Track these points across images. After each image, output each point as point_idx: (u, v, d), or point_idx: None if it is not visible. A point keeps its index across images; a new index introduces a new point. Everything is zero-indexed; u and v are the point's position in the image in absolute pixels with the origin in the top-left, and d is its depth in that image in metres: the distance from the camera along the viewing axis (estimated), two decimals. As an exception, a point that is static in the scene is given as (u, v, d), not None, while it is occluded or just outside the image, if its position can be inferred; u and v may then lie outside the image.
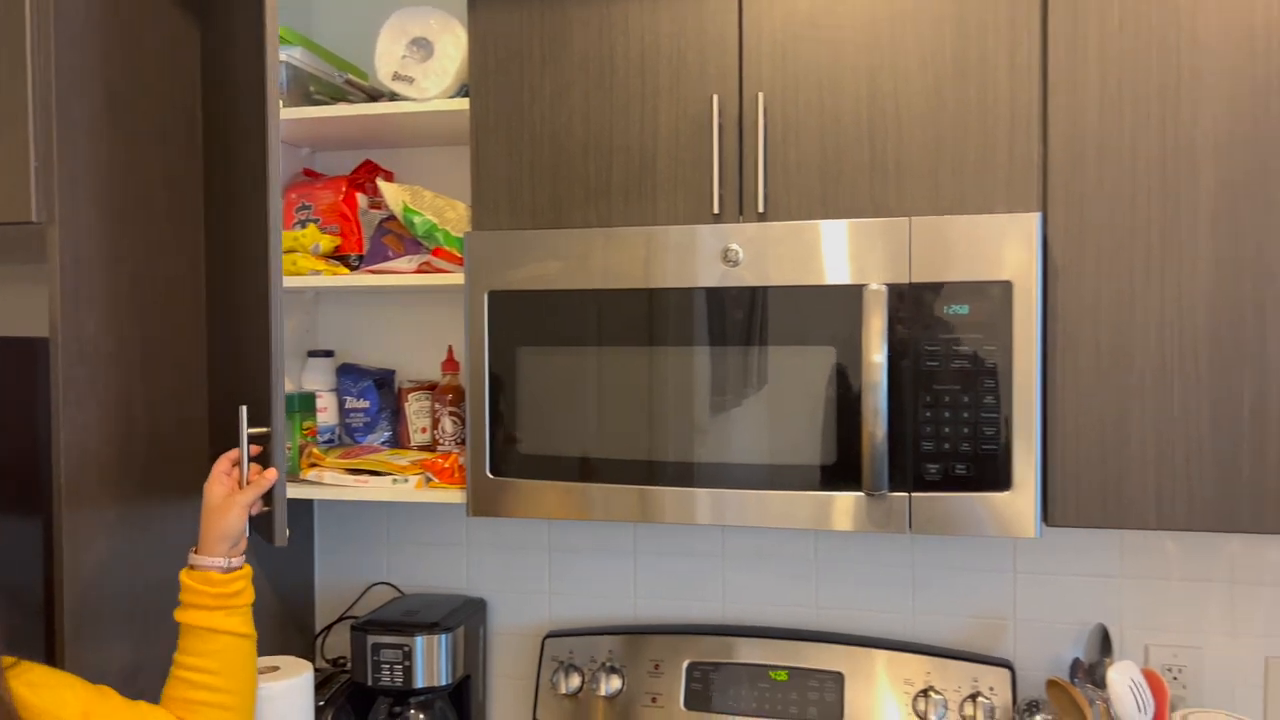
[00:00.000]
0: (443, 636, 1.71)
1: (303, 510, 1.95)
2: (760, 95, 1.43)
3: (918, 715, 1.62)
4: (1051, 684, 1.46)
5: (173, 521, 1.58)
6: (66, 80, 1.38)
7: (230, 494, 1.29)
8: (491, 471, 1.48)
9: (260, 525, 1.37)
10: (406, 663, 1.69)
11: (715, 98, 1.44)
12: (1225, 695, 1.62)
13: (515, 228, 1.51)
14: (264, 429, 1.33)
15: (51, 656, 1.41)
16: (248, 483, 1.30)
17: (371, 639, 1.70)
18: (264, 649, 1.83)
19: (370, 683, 1.70)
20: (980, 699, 1.60)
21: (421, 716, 1.74)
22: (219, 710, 1.25)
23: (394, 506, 1.95)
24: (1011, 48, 1.37)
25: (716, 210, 1.44)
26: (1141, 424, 1.34)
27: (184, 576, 1.27)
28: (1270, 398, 1.30)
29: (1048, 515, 1.38)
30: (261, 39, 1.32)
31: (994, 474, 1.31)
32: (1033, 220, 1.29)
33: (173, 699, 1.26)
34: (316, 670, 1.83)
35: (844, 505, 1.35)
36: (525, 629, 1.89)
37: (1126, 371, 1.34)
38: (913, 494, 1.34)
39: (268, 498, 1.33)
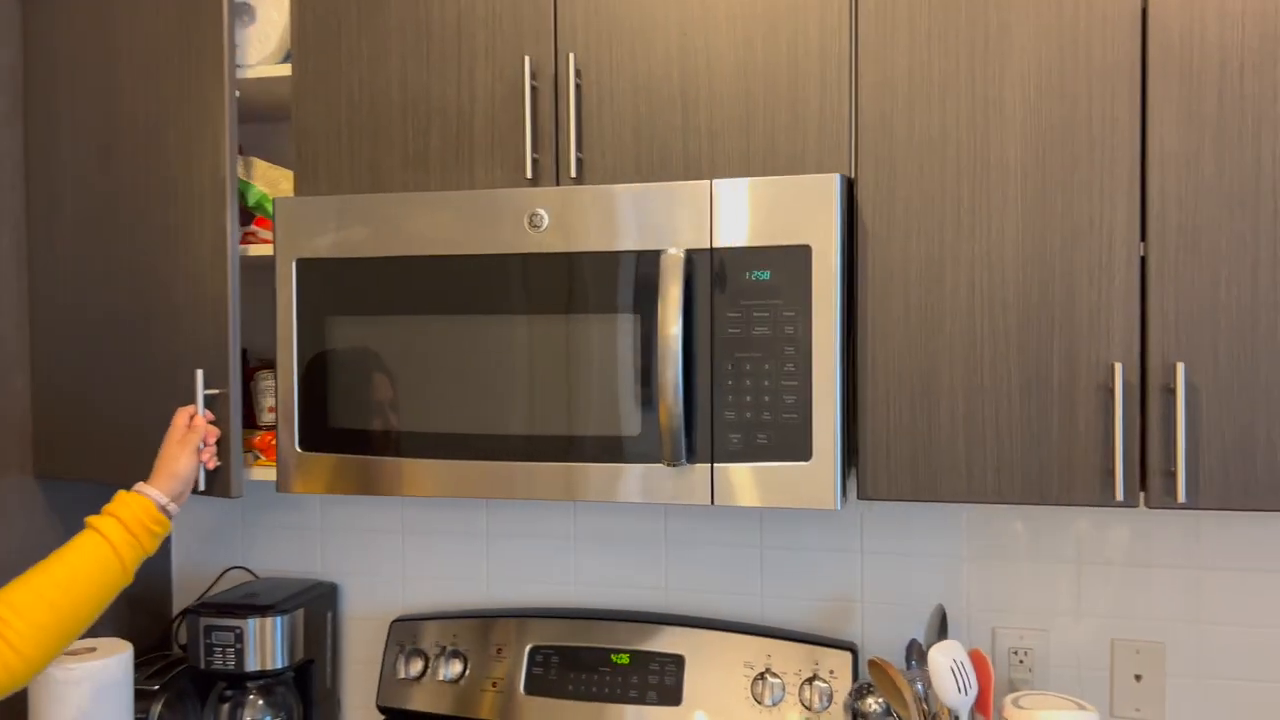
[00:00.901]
0: (278, 619, 1.67)
1: (158, 492, 1.91)
2: (571, 55, 1.39)
3: (755, 699, 1.58)
4: (872, 664, 1.41)
5: (3, 497, 1.54)
6: None
7: (183, 435, 1.39)
8: (300, 446, 1.43)
9: (215, 483, 1.45)
10: (239, 645, 1.65)
11: (527, 59, 1.40)
12: (1071, 678, 1.58)
13: (335, 193, 1.46)
14: (218, 390, 1.44)
15: None
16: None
17: (204, 621, 1.66)
18: (118, 635, 1.79)
19: (203, 666, 1.66)
20: (818, 682, 1.56)
21: (260, 701, 1.70)
22: (53, 616, 1.21)
23: (250, 488, 1.90)
24: (823, 5, 1.32)
25: (530, 175, 1.40)
26: (951, 392, 1.29)
27: (121, 493, 1.32)
28: (1079, 363, 1.25)
29: (861, 488, 1.33)
30: None
31: (794, 444, 1.26)
32: (831, 181, 1.25)
33: (12, 591, 1.21)
34: (164, 655, 1.79)
35: (648, 476, 1.31)
36: (376, 613, 1.85)
37: (935, 336, 1.30)
38: (715, 464, 1.29)
39: (223, 455, 1.44)
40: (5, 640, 1.18)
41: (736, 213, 1.27)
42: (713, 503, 1.29)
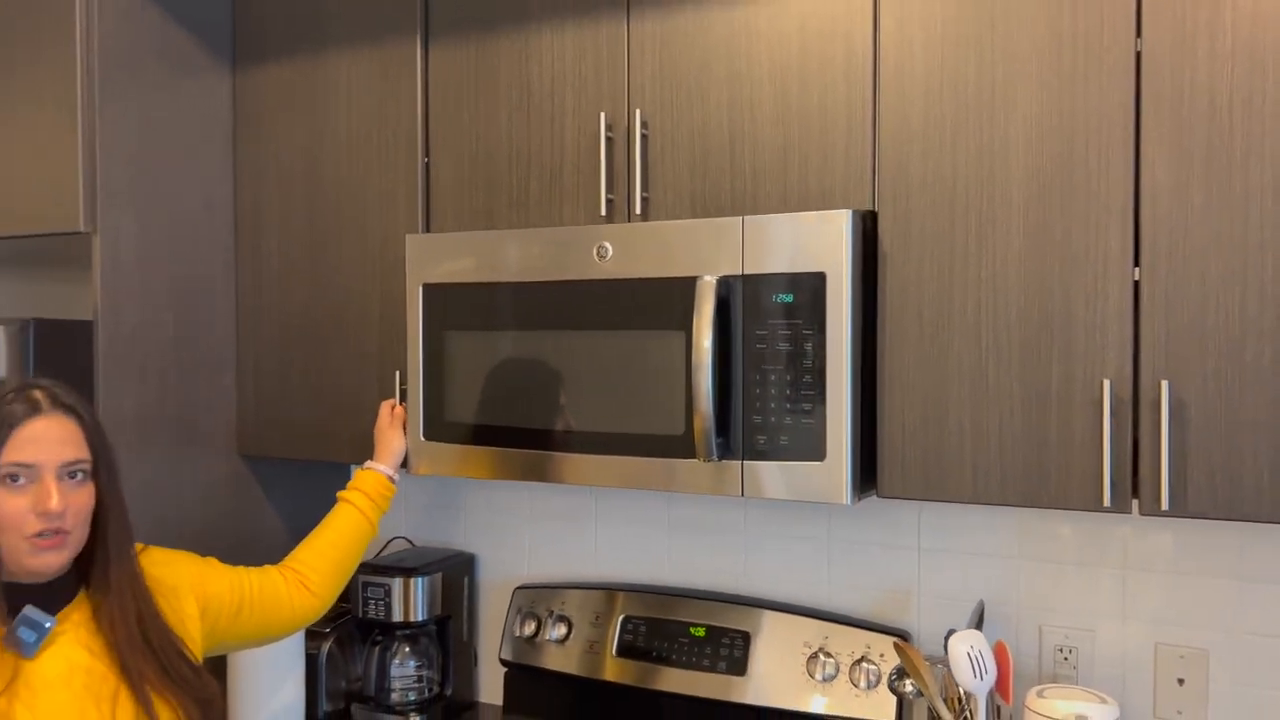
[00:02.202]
0: (419, 579, 2.01)
1: (343, 475, 2.32)
2: (638, 111, 1.64)
3: (809, 674, 1.76)
4: (898, 647, 1.57)
5: (199, 466, 1.97)
6: (110, 117, 1.79)
7: (390, 420, 1.79)
8: (424, 435, 1.76)
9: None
10: (387, 599, 2.01)
11: (603, 115, 1.66)
12: (1115, 678, 1.65)
13: (456, 230, 1.78)
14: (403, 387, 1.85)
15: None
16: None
17: (362, 578, 2.03)
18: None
19: (361, 615, 2.03)
20: (866, 664, 1.72)
21: (406, 647, 2.05)
22: (334, 566, 1.66)
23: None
24: (848, 57, 1.50)
25: (604, 213, 1.66)
26: (959, 402, 1.43)
27: (356, 471, 1.76)
28: (1075, 378, 1.36)
29: (879, 487, 1.50)
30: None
31: (810, 445, 1.45)
32: (843, 217, 1.42)
33: (307, 551, 1.65)
34: (339, 607, 2.18)
35: (687, 470, 1.53)
36: (504, 581, 2.17)
37: (946, 352, 1.44)
38: (744, 461, 1.50)
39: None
40: (306, 586, 1.62)
41: (764, 244, 1.48)
42: (742, 495, 1.50)
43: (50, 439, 1.27)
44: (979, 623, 1.63)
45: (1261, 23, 1.26)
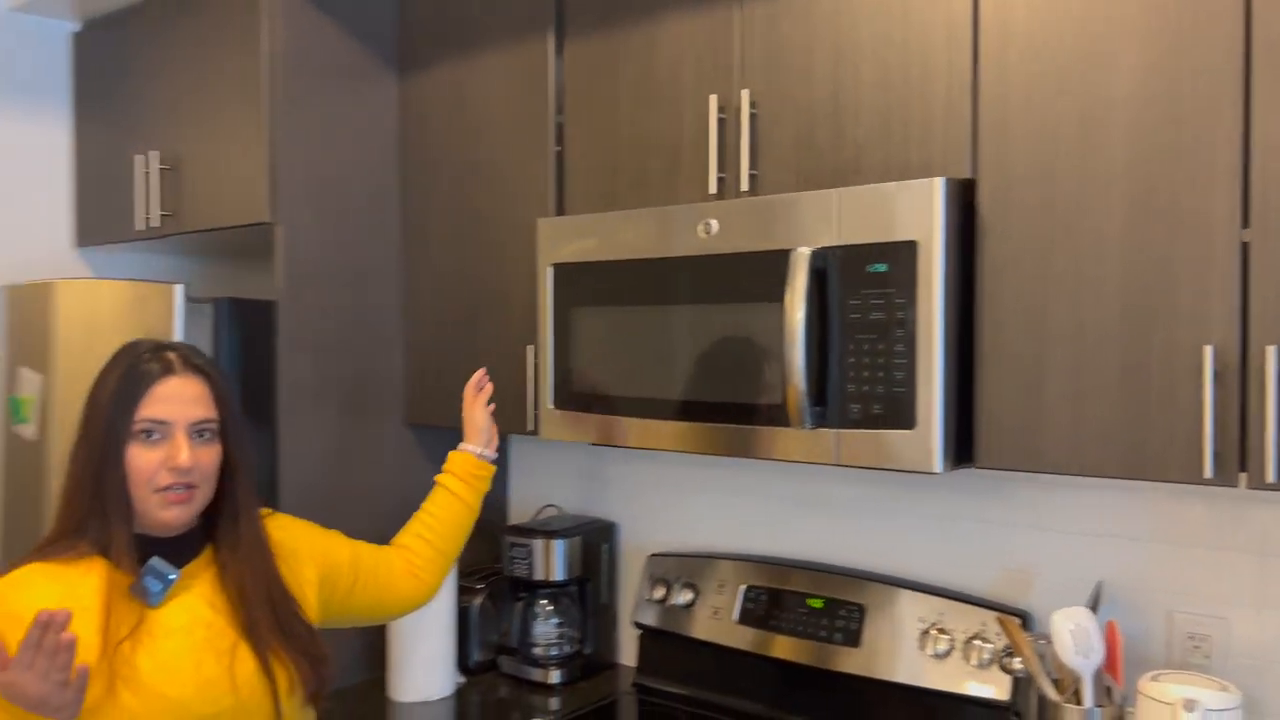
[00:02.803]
0: (558, 542, 2.15)
1: (501, 448, 2.50)
2: (746, 92, 1.69)
3: (921, 649, 1.75)
4: (1001, 621, 1.54)
5: (370, 433, 2.20)
6: (290, 122, 2.04)
7: (474, 399, 1.75)
8: (553, 404, 1.89)
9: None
10: (529, 559, 2.16)
11: (713, 97, 1.73)
12: (1249, 669, 1.55)
13: (585, 212, 1.90)
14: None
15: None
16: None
17: (508, 539, 2.19)
18: (468, 553, 2.39)
19: (508, 573, 2.20)
20: (980, 641, 1.70)
21: (548, 605, 2.20)
22: (435, 551, 1.65)
23: (563, 447, 2.42)
24: (949, 23, 1.49)
25: (715, 190, 1.73)
26: (1058, 371, 1.40)
27: (451, 454, 1.71)
28: (1178, 345, 1.31)
29: (975, 456, 1.48)
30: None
31: (902, 414, 1.46)
32: (934, 185, 1.42)
33: (407, 536, 1.65)
34: (493, 566, 2.36)
35: (784, 438, 1.57)
36: (643, 548, 2.27)
37: (1044, 320, 1.41)
38: (839, 430, 1.52)
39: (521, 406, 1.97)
40: (413, 571, 1.62)
41: (858, 215, 1.50)
42: (837, 463, 1.52)
43: (182, 398, 1.31)
44: (1095, 603, 1.57)
45: (1385, -41, 1.17)
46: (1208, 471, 1.27)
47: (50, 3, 2.43)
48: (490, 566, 2.35)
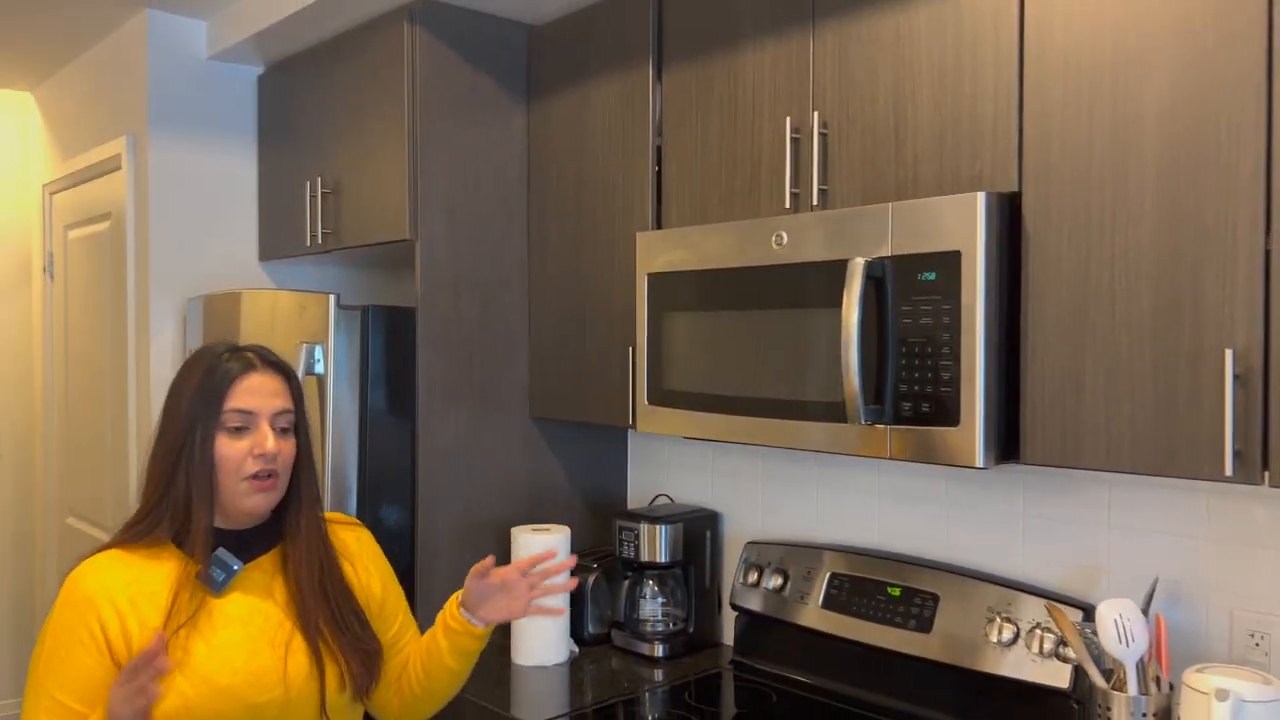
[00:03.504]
0: (662, 527, 2.34)
1: (621, 438, 2.72)
2: (816, 114, 1.83)
3: (987, 637, 1.84)
4: (1050, 609, 1.61)
5: (498, 425, 2.46)
6: (428, 151, 2.32)
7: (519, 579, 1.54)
8: (648, 400, 2.08)
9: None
10: (636, 542, 2.36)
11: (788, 119, 1.88)
12: (1310, 670, 1.57)
13: (680, 226, 2.08)
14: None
15: (413, 503, 2.36)
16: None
17: (618, 523, 2.40)
18: (588, 536, 2.63)
19: (617, 553, 2.41)
20: (1043, 630, 1.77)
21: (654, 585, 2.40)
22: (413, 695, 1.55)
23: (675, 443, 2.61)
24: (995, 45, 1.59)
25: (789, 205, 1.88)
26: (1095, 373, 1.48)
27: (451, 601, 1.53)
28: (1204, 348, 1.37)
29: (1020, 453, 1.58)
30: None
31: (948, 412, 1.57)
32: (975, 199, 1.53)
33: (414, 659, 1.56)
34: (607, 548, 2.58)
35: (842, 434, 1.71)
36: (743, 536, 2.43)
37: (1082, 324, 1.50)
38: (891, 426, 1.65)
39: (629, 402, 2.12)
40: (397, 686, 1.54)
41: (910, 227, 1.62)
42: (889, 457, 1.65)
43: (265, 391, 1.39)
44: (1150, 598, 1.63)
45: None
46: (1228, 470, 1.33)
47: (240, 50, 2.82)
48: (604, 549, 2.57)
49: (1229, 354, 1.33)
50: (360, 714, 1.53)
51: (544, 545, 2.31)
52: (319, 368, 2.23)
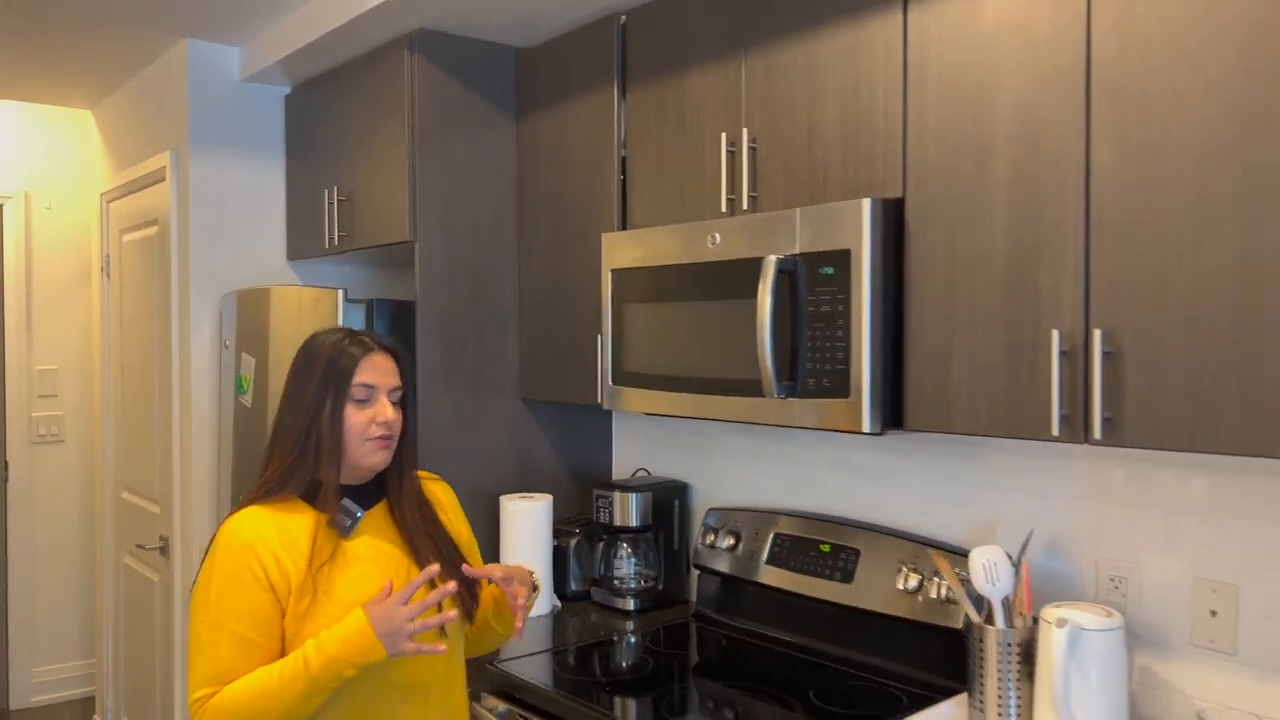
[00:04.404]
0: (633, 495, 2.64)
1: (606, 418, 3.02)
2: (746, 130, 2.11)
3: (897, 585, 2.11)
4: (933, 555, 1.88)
5: (490, 405, 2.77)
6: (426, 163, 2.64)
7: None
8: (612, 381, 2.38)
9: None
10: (610, 508, 2.66)
11: (724, 134, 2.16)
12: (1158, 607, 1.82)
13: (640, 227, 2.37)
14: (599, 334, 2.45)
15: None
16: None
17: (596, 492, 2.70)
18: (573, 506, 2.93)
19: (594, 518, 2.71)
20: (941, 579, 2.04)
21: (627, 547, 2.69)
22: (479, 629, 1.78)
23: (650, 421, 2.91)
24: (885, 75, 1.86)
25: (725, 210, 2.16)
26: (959, 351, 1.75)
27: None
28: (1040, 329, 1.63)
29: (902, 421, 1.84)
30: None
31: (841, 386, 1.84)
32: (862, 204, 1.80)
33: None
34: (588, 515, 2.87)
35: (761, 407, 1.99)
36: (709, 504, 2.72)
37: (952, 309, 1.76)
38: (801, 399, 1.92)
39: (595, 382, 2.44)
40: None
41: (813, 229, 1.89)
42: (800, 426, 1.92)
43: (383, 369, 1.64)
44: (1024, 549, 1.88)
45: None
46: (1055, 431, 1.59)
47: (269, 72, 3.16)
48: (585, 516, 2.87)
49: (1056, 334, 1.59)
50: (463, 639, 1.76)
51: (528, 512, 2.62)
52: (330, 353, 2.56)
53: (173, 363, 3.28)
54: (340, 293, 2.56)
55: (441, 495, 1.83)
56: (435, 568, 1.53)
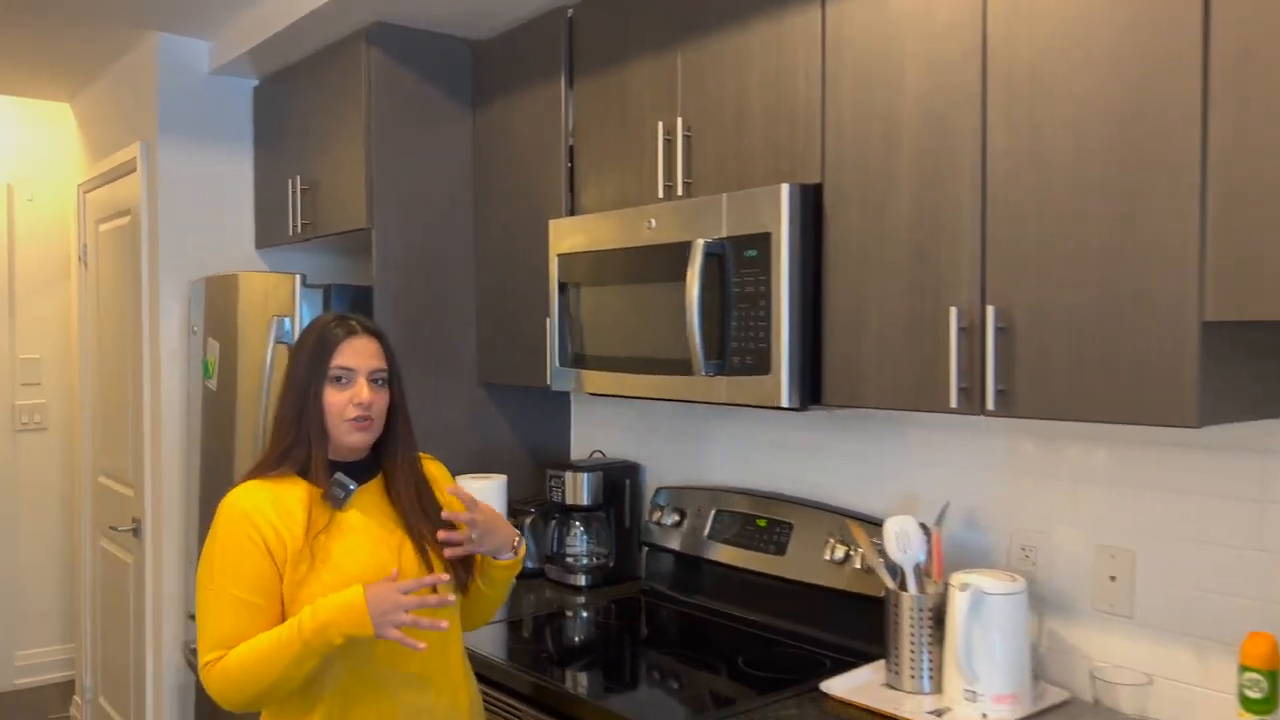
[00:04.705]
0: (584, 475, 2.72)
1: (565, 401, 3.10)
2: (680, 120, 2.20)
3: (824, 555, 2.20)
4: (849, 525, 1.96)
5: (448, 388, 2.85)
6: (382, 152, 2.72)
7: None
8: (559, 362, 2.46)
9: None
10: (563, 487, 2.74)
11: (660, 124, 2.24)
12: (1064, 573, 1.90)
13: (586, 213, 2.45)
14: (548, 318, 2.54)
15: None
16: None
17: (550, 473, 2.79)
18: (531, 486, 3.02)
19: (548, 497, 2.79)
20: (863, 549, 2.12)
21: (579, 524, 2.78)
22: (474, 600, 1.84)
23: (611, 404, 2.99)
24: (806, 68, 1.94)
25: (662, 195, 2.24)
26: (869, 329, 1.83)
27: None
28: (940, 307, 1.71)
29: (820, 396, 1.93)
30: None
31: (763, 364, 1.93)
32: (780, 190, 1.88)
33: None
34: (544, 495, 2.96)
35: (690, 384, 2.07)
36: (658, 482, 2.80)
37: (864, 290, 1.84)
38: (728, 377, 2.01)
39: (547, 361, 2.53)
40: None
41: (738, 213, 1.97)
42: (727, 402, 2.01)
43: (364, 352, 1.69)
44: (940, 519, 1.97)
45: (1063, 10, 1.53)
46: (953, 403, 1.67)
47: (237, 65, 3.24)
48: (542, 496, 2.95)
49: (954, 311, 1.67)
50: (458, 612, 1.80)
51: (481, 491, 2.70)
52: (288, 337, 2.64)
53: (144, 349, 3.36)
54: (298, 278, 2.65)
55: (436, 473, 1.88)
56: (445, 576, 1.62)
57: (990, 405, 1.63)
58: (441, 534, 1.70)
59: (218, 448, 3.05)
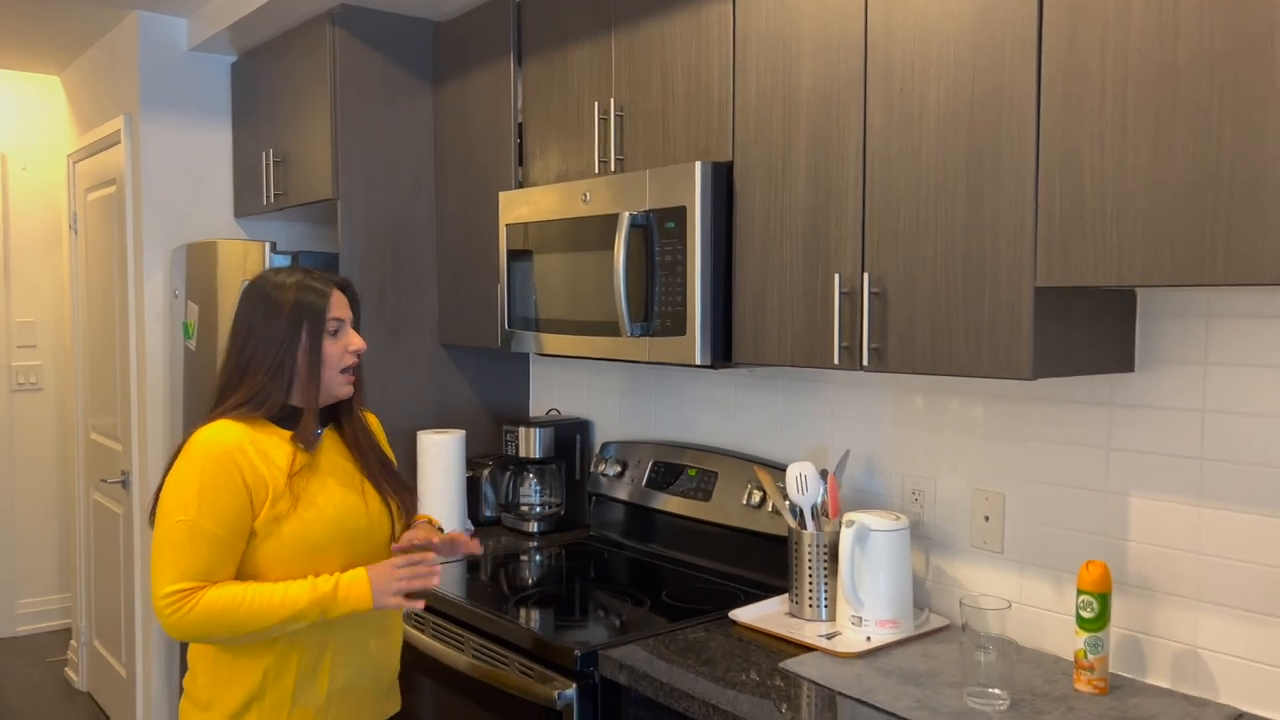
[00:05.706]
0: (536, 430, 2.93)
1: (524, 362, 3.31)
2: (612, 100, 2.38)
3: (744, 500, 2.41)
4: (756, 471, 2.17)
5: (410, 350, 3.06)
6: (347, 127, 2.91)
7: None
8: (507, 325, 2.66)
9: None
10: (517, 441, 2.96)
11: (596, 104, 2.42)
12: (948, 515, 2.12)
13: (536, 186, 2.64)
14: (499, 284, 2.74)
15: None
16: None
17: (505, 428, 3.00)
18: (490, 442, 3.23)
19: (504, 450, 3.01)
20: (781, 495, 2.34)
21: (533, 476, 3.00)
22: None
23: (567, 364, 3.20)
24: (720, 52, 2.13)
25: (597, 170, 2.43)
26: (772, 292, 2.03)
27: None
28: (828, 273, 1.91)
29: (731, 354, 2.13)
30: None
31: (680, 325, 2.13)
32: (694, 167, 2.07)
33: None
34: (499, 450, 3.17)
35: (620, 344, 2.27)
36: (607, 438, 3.01)
37: (767, 258, 2.04)
38: (651, 338, 2.21)
39: (497, 324, 2.74)
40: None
41: (659, 188, 2.17)
42: (651, 361, 2.21)
43: (343, 303, 1.81)
44: (840, 466, 2.18)
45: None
46: (835, 360, 1.88)
47: (214, 42, 3.42)
48: (497, 451, 3.17)
49: (837, 277, 1.87)
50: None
51: (441, 444, 2.92)
52: (259, 300, 2.84)
53: (130, 312, 3.57)
54: (267, 245, 2.84)
55: (374, 424, 2.01)
56: (430, 555, 1.79)
57: (865, 362, 1.83)
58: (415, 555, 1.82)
59: (197, 405, 3.26)
